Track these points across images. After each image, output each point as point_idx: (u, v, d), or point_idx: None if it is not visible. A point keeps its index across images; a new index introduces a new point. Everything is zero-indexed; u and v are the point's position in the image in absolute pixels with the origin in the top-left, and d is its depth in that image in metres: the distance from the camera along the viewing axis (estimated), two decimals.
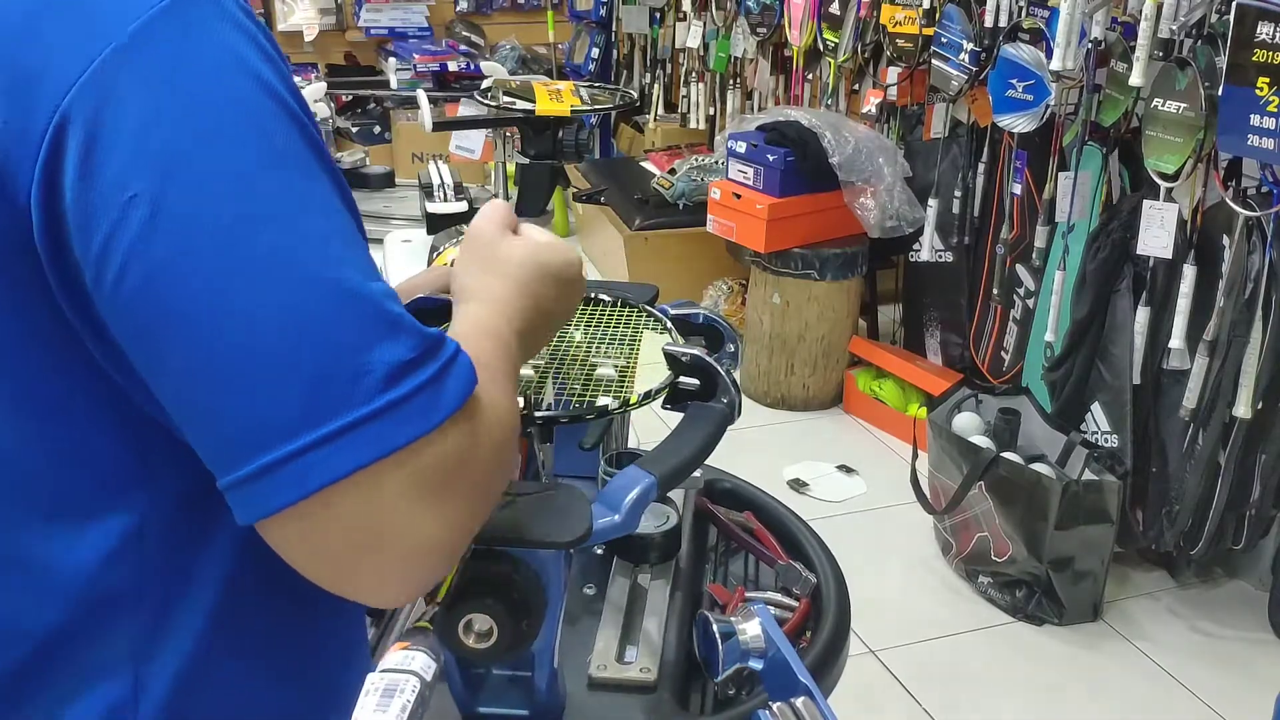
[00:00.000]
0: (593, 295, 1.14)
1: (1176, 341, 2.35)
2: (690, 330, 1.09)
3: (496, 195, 3.35)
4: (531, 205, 4.27)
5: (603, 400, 0.96)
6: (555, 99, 2.90)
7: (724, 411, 0.98)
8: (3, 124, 0.59)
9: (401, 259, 2.72)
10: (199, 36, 0.62)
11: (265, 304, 0.59)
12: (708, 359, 0.98)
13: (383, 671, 0.64)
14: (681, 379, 0.99)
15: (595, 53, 5.18)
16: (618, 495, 0.85)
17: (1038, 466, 2.52)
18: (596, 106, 3.04)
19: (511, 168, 3.26)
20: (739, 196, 3.41)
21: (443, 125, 3.21)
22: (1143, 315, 2.44)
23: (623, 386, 0.99)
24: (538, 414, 0.92)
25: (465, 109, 3.49)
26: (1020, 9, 2.72)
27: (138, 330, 0.61)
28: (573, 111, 2.86)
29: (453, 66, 5.16)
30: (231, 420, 0.60)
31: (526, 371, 1.02)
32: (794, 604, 1.15)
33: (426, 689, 0.63)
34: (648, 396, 0.96)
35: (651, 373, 1.01)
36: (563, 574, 0.85)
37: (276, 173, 0.62)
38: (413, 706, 0.62)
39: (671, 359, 1.00)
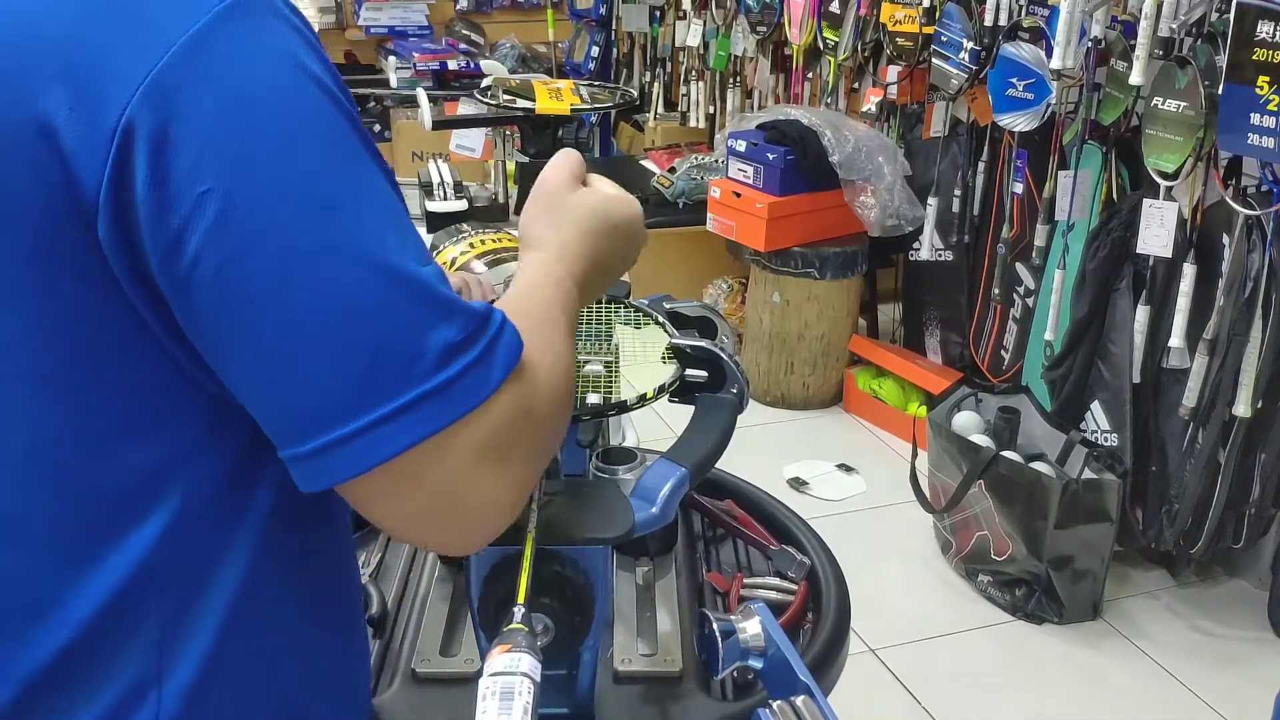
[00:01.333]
0: None
1: (1176, 340, 2.35)
2: (684, 323, 1.09)
3: (496, 195, 3.35)
4: None
5: (593, 398, 0.96)
6: (555, 97, 2.90)
7: (734, 401, 1.00)
8: (69, 113, 0.62)
9: None
10: (257, 37, 0.65)
11: (331, 291, 0.64)
12: (716, 350, 0.99)
13: (493, 675, 0.65)
14: (689, 371, 1.00)
15: (595, 51, 5.17)
16: (653, 488, 0.87)
17: (1037, 465, 2.52)
18: (596, 105, 3.04)
19: (511, 166, 3.25)
20: (739, 195, 3.41)
21: (442, 124, 3.21)
22: (1142, 314, 2.44)
23: (611, 383, 1.00)
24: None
25: (465, 107, 3.49)
26: (1020, 7, 2.72)
27: (210, 313, 0.64)
28: (572, 110, 2.86)
29: (452, 65, 5.16)
30: (298, 398, 0.65)
31: None
32: (793, 588, 1.16)
33: (537, 689, 0.65)
34: (662, 390, 0.97)
35: (649, 366, 1.01)
36: (608, 570, 0.86)
37: (336, 166, 0.66)
38: (532, 706, 0.64)
39: (679, 352, 1.00)
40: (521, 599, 0.73)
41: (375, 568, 1.20)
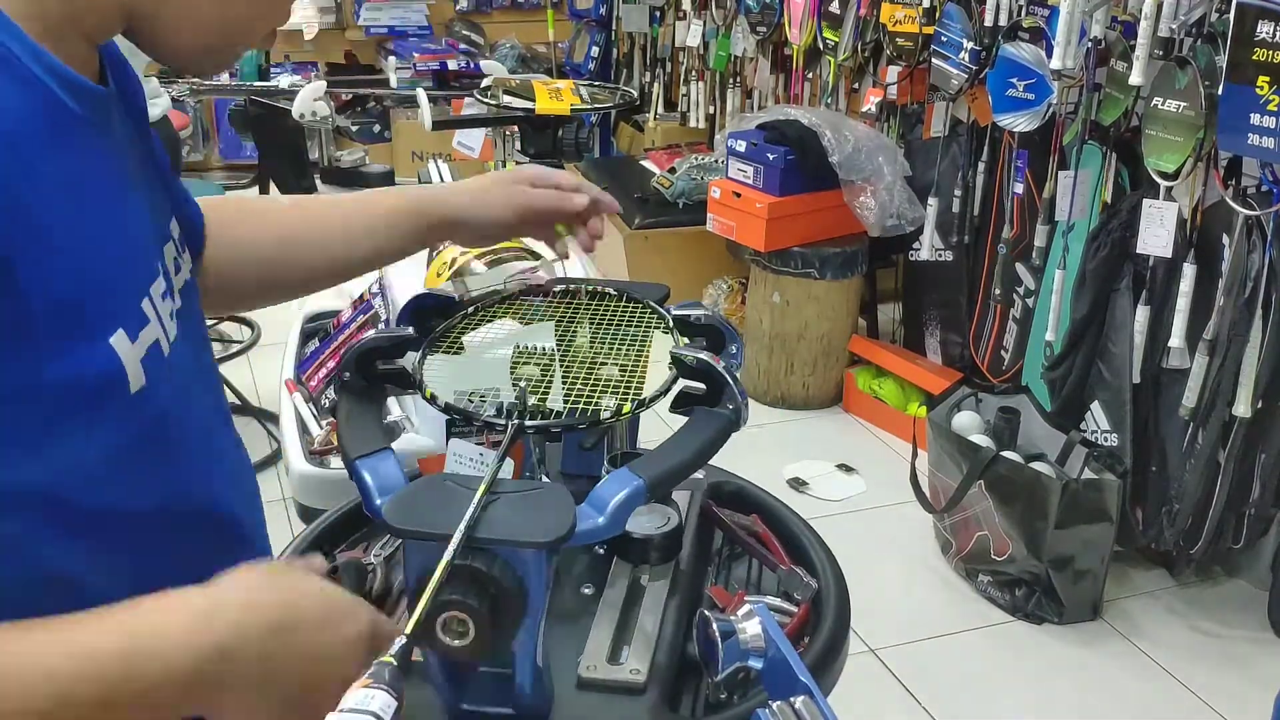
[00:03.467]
0: (599, 289, 1.13)
1: (1176, 340, 2.35)
2: (691, 330, 1.07)
3: None
4: None
5: (604, 405, 0.95)
6: (555, 98, 2.89)
7: (727, 418, 0.95)
8: None
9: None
10: None
11: None
12: (715, 364, 0.96)
13: (341, 712, 0.62)
14: (688, 383, 0.97)
15: (595, 51, 5.17)
16: (604, 498, 0.85)
17: (1037, 465, 2.52)
18: (596, 105, 3.03)
19: (511, 166, 3.25)
20: (739, 195, 3.41)
21: (443, 124, 3.21)
22: (1142, 314, 2.44)
23: (628, 388, 0.98)
24: (528, 424, 0.91)
25: (465, 108, 3.49)
26: (1020, 8, 2.72)
27: None
28: (572, 110, 2.86)
29: (452, 65, 5.14)
30: None
31: (531, 370, 1.02)
32: (793, 609, 1.14)
33: None
34: (641, 404, 0.96)
35: (655, 373, 1.00)
36: (544, 574, 0.84)
37: None
38: None
39: (678, 362, 0.99)
40: (410, 630, 0.69)
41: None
